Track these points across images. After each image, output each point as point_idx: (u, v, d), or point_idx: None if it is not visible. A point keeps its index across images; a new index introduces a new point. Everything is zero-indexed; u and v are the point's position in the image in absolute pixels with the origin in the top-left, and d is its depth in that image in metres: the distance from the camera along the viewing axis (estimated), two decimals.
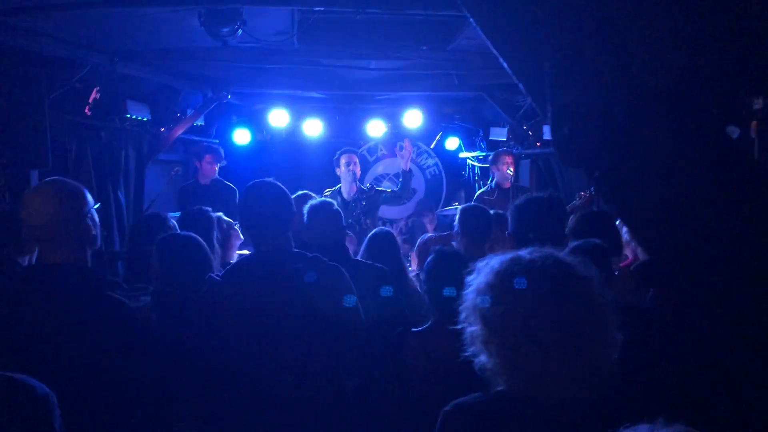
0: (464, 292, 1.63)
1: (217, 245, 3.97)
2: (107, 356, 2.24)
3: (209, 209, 4.10)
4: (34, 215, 2.32)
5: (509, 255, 1.58)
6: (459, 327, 1.63)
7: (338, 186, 6.97)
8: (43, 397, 1.54)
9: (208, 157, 7.01)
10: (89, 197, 2.46)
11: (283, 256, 2.76)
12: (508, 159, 7.31)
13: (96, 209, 2.47)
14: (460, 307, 1.63)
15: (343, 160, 6.92)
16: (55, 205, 2.33)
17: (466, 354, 1.59)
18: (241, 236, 4.58)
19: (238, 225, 4.45)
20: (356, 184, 6.87)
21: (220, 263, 3.82)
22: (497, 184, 7.36)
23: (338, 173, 6.95)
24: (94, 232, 2.44)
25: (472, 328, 1.57)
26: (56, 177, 2.55)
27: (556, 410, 1.47)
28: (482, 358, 1.56)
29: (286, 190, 2.88)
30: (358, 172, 6.98)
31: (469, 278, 1.62)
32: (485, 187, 7.65)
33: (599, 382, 1.48)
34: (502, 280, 1.53)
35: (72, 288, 2.30)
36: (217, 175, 7.14)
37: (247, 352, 2.61)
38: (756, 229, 0.89)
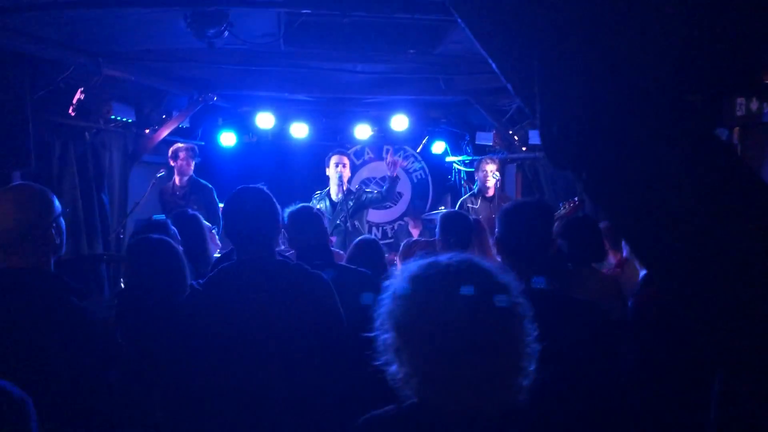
0: (379, 297, 1.56)
1: (208, 246, 3.96)
2: (66, 363, 2.18)
3: (196, 212, 4.07)
4: None
5: (427, 260, 1.52)
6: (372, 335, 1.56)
7: (327, 188, 6.96)
8: (20, 401, 1.52)
9: (182, 155, 6.84)
10: (57, 203, 2.40)
11: (265, 265, 2.71)
12: (491, 166, 7.30)
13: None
14: (375, 314, 1.55)
15: (333, 161, 6.92)
16: (20, 211, 2.28)
17: (378, 363, 1.52)
18: (218, 242, 4.55)
19: (215, 229, 4.41)
20: (345, 185, 6.86)
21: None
22: (480, 191, 7.36)
23: (327, 173, 6.96)
24: (58, 240, 2.38)
25: (385, 336, 1.50)
26: (23, 182, 2.50)
27: (467, 422, 1.43)
28: (393, 368, 1.50)
29: (273, 198, 2.81)
30: (347, 173, 6.96)
31: (386, 283, 1.55)
32: (468, 194, 7.65)
33: (511, 394, 1.44)
34: (416, 285, 1.48)
35: (34, 293, 2.25)
36: (193, 174, 6.99)
37: (228, 361, 2.57)
38: (746, 230, 0.89)
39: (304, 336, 2.60)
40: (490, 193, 7.25)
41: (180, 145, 7.01)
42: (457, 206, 7.43)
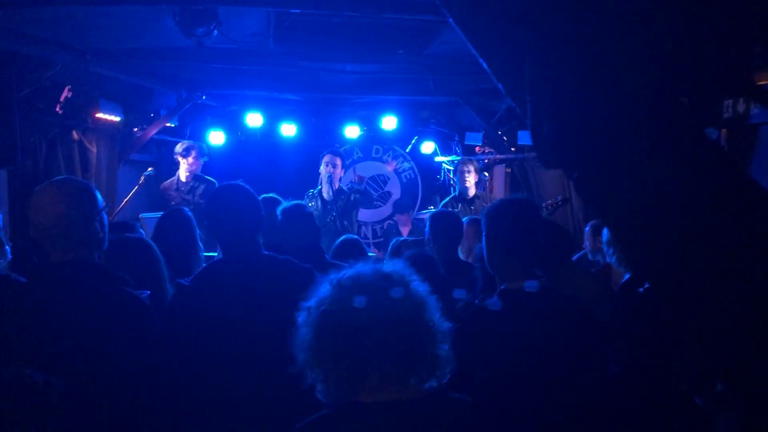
0: (305, 304, 1.70)
1: (199, 244, 3.94)
2: (126, 353, 2.22)
3: (187, 209, 4.05)
4: (41, 214, 2.27)
5: (350, 269, 1.67)
6: (297, 336, 1.68)
7: (319, 187, 6.98)
8: (43, 383, 1.55)
9: (194, 153, 6.89)
10: (99, 197, 2.42)
11: (252, 260, 2.71)
12: (467, 168, 7.28)
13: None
14: (299, 320, 1.69)
15: (324, 160, 6.95)
16: (66, 206, 2.27)
17: (296, 365, 1.66)
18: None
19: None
20: (336, 185, 6.89)
21: None
22: (461, 194, 7.34)
23: (320, 171, 6.99)
24: (102, 234, 2.39)
25: (305, 338, 1.63)
26: (67, 176, 2.51)
27: (394, 413, 1.54)
28: (308, 371, 1.63)
29: (254, 193, 2.82)
30: (338, 173, 6.99)
31: (312, 289, 1.70)
32: (449, 197, 7.63)
33: (430, 380, 1.58)
34: (333, 292, 1.62)
35: (89, 285, 2.27)
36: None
37: (217, 357, 2.56)
38: (735, 229, 0.90)
39: (292, 329, 2.60)
40: (471, 194, 7.25)
41: (189, 143, 7.04)
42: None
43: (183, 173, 6.90)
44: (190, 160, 6.85)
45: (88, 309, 2.22)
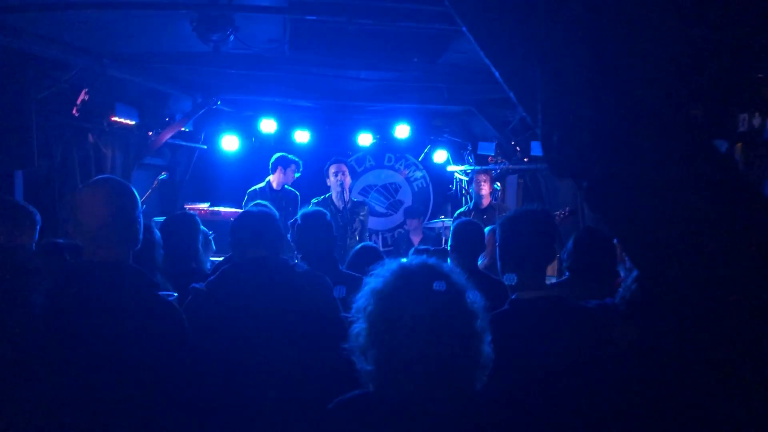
0: (358, 295, 1.75)
1: (201, 248, 3.97)
2: (156, 356, 2.23)
3: (194, 213, 4.09)
4: (87, 214, 2.29)
5: (398, 263, 1.73)
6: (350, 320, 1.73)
7: (328, 195, 6.97)
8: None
9: (293, 167, 7.27)
10: (139, 199, 2.45)
11: (267, 265, 2.76)
12: (482, 178, 7.33)
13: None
14: (353, 306, 1.74)
15: (331, 170, 6.94)
16: (111, 205, 2.30)
17: (346, 348, 1.71)
18: (213, 247, 4.60)
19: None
20: (347, 193, 6.91)
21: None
22: (475, 204, 7.38)
23: (328, 183, 6.97)
24: (140, 236, 2.42)
25: (358, 327, 1.69)
26: (108, 176, 2.54)
27: (421, 418, 1.57)
28: (359, 357, 1.67)
29: (275, 215, 3.02)
30: (348, 180, 7.00)
31: (366, 279, 1.74)
32: (463, 208, 7.66)
33: (466, 384, 1.61)
34: (385, 285, 1.66)
35: (124, 286, 2.29)
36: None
37: (232, 359, 2.59)
38: (744, 240, 0.89)
39: (304, 332, 2.63)
40: (485, 203, 7.26)
41: (291, 156, 7.38)
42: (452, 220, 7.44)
43: (276, 182, 7.22)
44: (289, 173, 7.26)
45: (123, 310, 2.23)
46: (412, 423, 1.58)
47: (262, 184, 7.23)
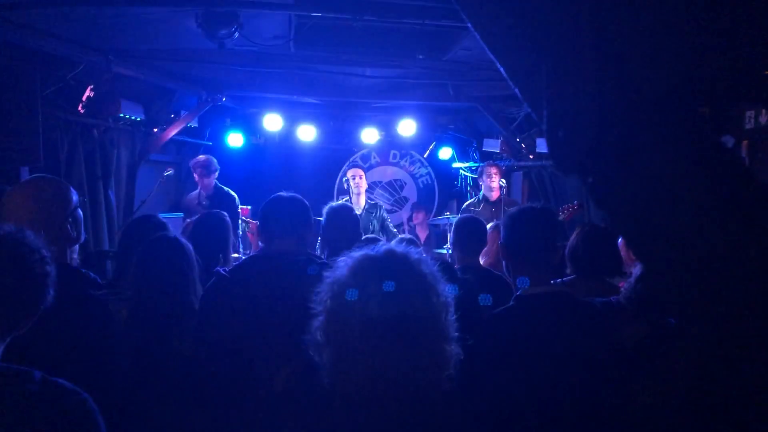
0: (319, 287, 1.60)
1: (231, 249, 3.99)
2: (82, 354, 2.19)
3: (225, 214, 4.07)
4: (13, 212, 2.26)
5: (364, 251, 1.57)
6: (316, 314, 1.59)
7: (346, 199, 7.10)
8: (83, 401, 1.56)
9: (196, 174, 6.72)
10: (73, 196, 2.41)
11: (288, 254, 2.82)
12: (493, 170, 7.31)
13: (83, 206, 2.42)
14: (315, 299, 1.59)
15: (349, 174, 7.19)
16: (36, 204, 2.27)
17: (306, 342, 1.56)
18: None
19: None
20: (363, 196, 7.13)
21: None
22: (484, 196, 7.37)
23: (345, 187, 7.18)
24: (75, 233, 2.38)
25: (318, 319, 1.54)
26: (39, 175, 2.50)
27: (376, 420, 1.44)
28: (315, 351, 1.53)
29: (306, 202, 3.00)
30: (364, 184, 7.27)
31: (326, 273, 1.59)
32: (473, 199, 7.66)
33: (426, 395, 1.45)
34: (342, 277, 1.52)
35: (56, 286, 2.27)
36: (217, 182, 6.82)
37: (248, 343, 2.63)
38: (751, 238, 0.89)
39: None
40: (494, 196, 7.24)
41: (199, 159, 6.82)
42: (460, 211, 7.43)
43: (201, 188, 6.77)
44: (196, 179, 6.72)
45: (54, 311, 2.21)
46: (368, 423, 1.45)
47: (194, 192, 6.90)
